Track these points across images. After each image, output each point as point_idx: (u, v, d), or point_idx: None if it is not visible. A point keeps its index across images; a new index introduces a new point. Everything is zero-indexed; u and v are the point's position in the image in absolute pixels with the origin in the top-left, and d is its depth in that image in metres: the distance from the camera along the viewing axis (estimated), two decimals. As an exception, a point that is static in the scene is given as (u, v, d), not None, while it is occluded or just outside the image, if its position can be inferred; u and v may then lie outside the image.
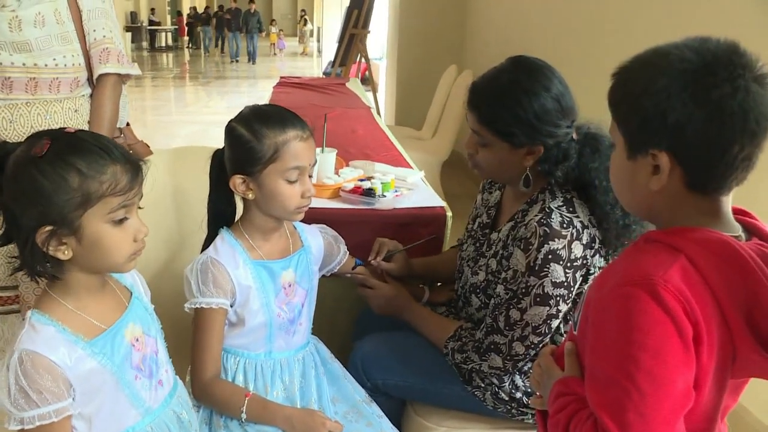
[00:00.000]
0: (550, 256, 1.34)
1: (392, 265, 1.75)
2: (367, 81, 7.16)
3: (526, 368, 1.51)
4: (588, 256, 1.38)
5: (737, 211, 0.95)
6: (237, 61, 17.73)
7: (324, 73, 11.00)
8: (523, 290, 1.37)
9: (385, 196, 2.03)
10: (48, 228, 0.97)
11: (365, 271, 1.70)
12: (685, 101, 0.84)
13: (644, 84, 0.87)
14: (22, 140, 1.01)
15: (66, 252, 1.00)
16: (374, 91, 6.48)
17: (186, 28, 22.82)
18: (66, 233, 0.99)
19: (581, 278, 1.39)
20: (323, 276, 1.61)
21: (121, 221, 1.03)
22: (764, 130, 0.84)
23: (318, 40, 18.60)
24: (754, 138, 0.84)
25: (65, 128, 1.03)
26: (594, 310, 0.92)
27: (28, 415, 0.97)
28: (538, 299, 1.36)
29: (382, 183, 2.09)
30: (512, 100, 1.38)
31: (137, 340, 1.13)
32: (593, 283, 0.98)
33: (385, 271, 1.74)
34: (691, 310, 0.83)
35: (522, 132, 1.39)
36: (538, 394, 1.12)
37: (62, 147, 0.98)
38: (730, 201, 0.91)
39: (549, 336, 1.42)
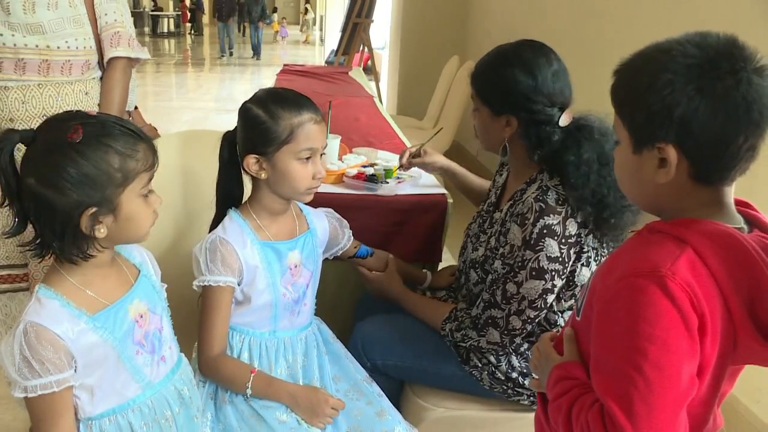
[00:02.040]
0: (545, 231, 1.39)
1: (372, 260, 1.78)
2: (370, 70, 7.16)
3: (522, 349, 1.56)
4: (582, 235, 1.43)
5: (739, 203, 0.97)
6: (230, 54, 15.54)
7: (327, 62, 10.98)
8: (520, 264, 1.42)
9: (387, 183, 2.06)
10: (92, 209, 1.01)
11: (365, 263, 1.76)
12: (690, 95, 0.85)
13: (648, 80, 0.89)
14: (34, 121, 1.04)
15: (102, 230, 1.03)
16: (376, 80, 6.47)
17: (188, 15, 22.75)
18: (105, 212, 1.03)
19: (575, 255, 1.43)
20: (326, 259, 1.64)
21: (147, 195, 1.09)
22: (766, 119, 0.86)
23: (321, 29, 18.41)
24: (757, 128, 0.86)
25: (84, 111, 1.06)
26: (600, 299, 0.94)
27: (31, 384, 1.01)
28: (533, 273, 1.41)
29: (384, 169, 2.13)
30: (491, 67, 1.52)
31: (141, 316, 1.16)
32: (598, 271, 1.00)
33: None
34: (697, 302, 0.85)
35: (496, 98, 1.51)
36: (535, 376, 1.16)
37: (96, 130, 1.01)
38: (732, 192, 0.93)
39: (544, 311, 1.47)
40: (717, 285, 0.87)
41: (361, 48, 7.00)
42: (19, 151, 1.02)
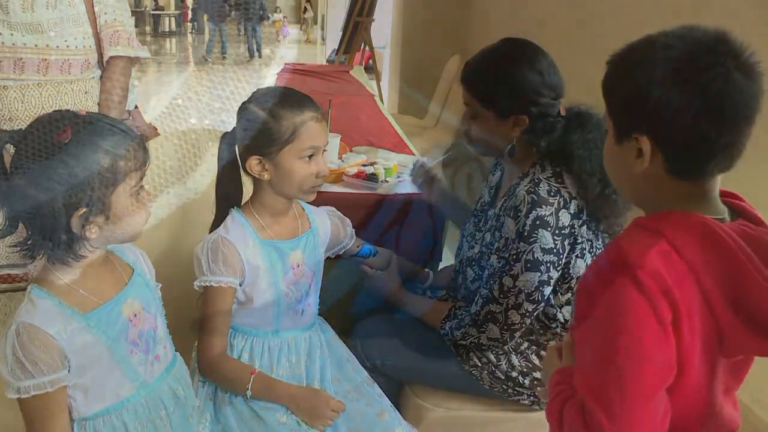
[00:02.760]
0: (537, 222, 1.39)
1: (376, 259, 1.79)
2: (371, 69, 7.14)
3: (522, 347, 1.56)
4: (576, 226, 1.43)
5: (726, 194, 0.96)
6: (223, 56, 14.48)
7: (328, 61, 10.96)
8: (514, 256, 1.42)
9: (387, 181, 2.07)
10: (83, 210, 1.00)
11: (368, 261, 1.75)
12: (664, 87, 0.85)
13: (630, 71, 0.89)
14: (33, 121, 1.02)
15: (93, 230, 1.03)
16: (377, 79, 6.46)
17: (189, 14, 22.70)
18: (96, 212, 1.02)
19: (569, 247, 1.43)
20: (327, 257, 1.63)
21: (138, 193, 1.08)
22: (744, 118, 0.84)
23: (322, 28, 18.36)
24: (732, 126, 0.84)
25: (73, 111, 1.05)
26: (582, 294, 0.95)
27: (24, 385, 1.01)
28: (528, 265, 1.41)
29: (384, 168, 2.13)
30: (495, 68, 1.49)
31: (135, 315, 1.16)
32: (586, 269, 1.00)
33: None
34: (669, 292, 0.84)
35: (504, 98, 1.47)
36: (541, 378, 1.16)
37: (85, 130, 1.00)
38: (716, 185, 0.92)
39: (542, 304, 1.47)
40: (694, 275, 0.86)
41: (362, 47, 6.98)
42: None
